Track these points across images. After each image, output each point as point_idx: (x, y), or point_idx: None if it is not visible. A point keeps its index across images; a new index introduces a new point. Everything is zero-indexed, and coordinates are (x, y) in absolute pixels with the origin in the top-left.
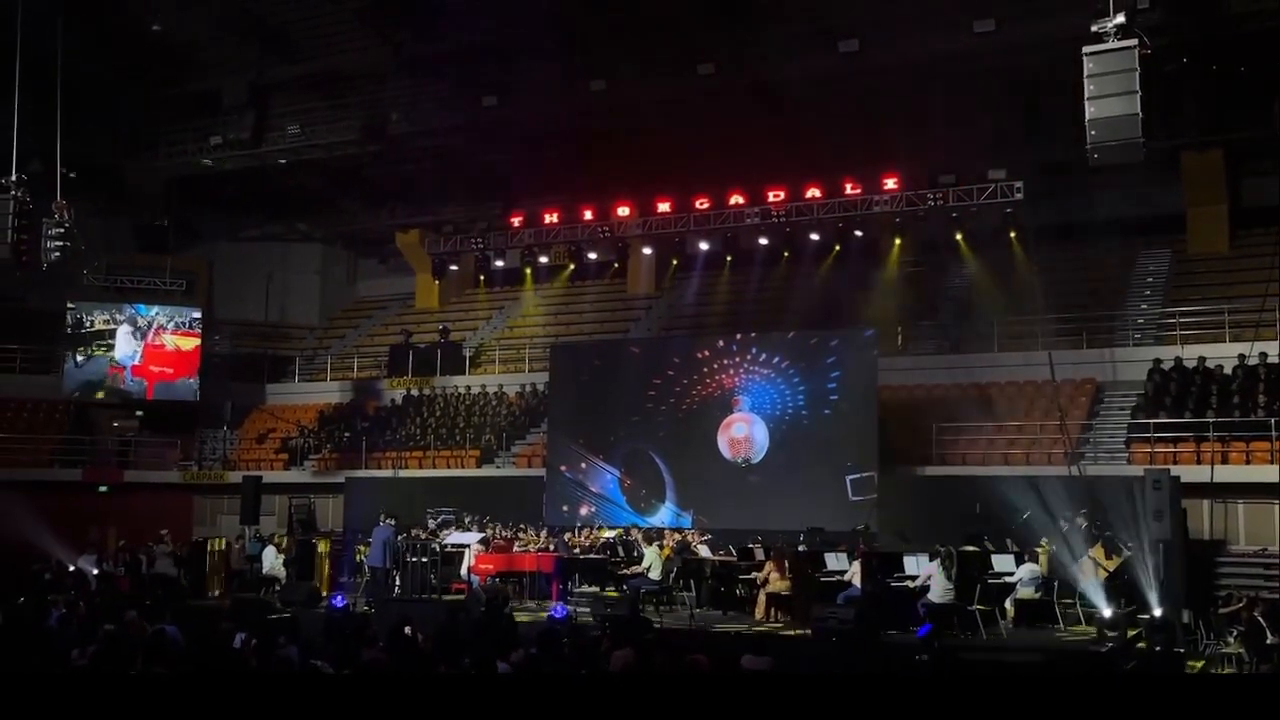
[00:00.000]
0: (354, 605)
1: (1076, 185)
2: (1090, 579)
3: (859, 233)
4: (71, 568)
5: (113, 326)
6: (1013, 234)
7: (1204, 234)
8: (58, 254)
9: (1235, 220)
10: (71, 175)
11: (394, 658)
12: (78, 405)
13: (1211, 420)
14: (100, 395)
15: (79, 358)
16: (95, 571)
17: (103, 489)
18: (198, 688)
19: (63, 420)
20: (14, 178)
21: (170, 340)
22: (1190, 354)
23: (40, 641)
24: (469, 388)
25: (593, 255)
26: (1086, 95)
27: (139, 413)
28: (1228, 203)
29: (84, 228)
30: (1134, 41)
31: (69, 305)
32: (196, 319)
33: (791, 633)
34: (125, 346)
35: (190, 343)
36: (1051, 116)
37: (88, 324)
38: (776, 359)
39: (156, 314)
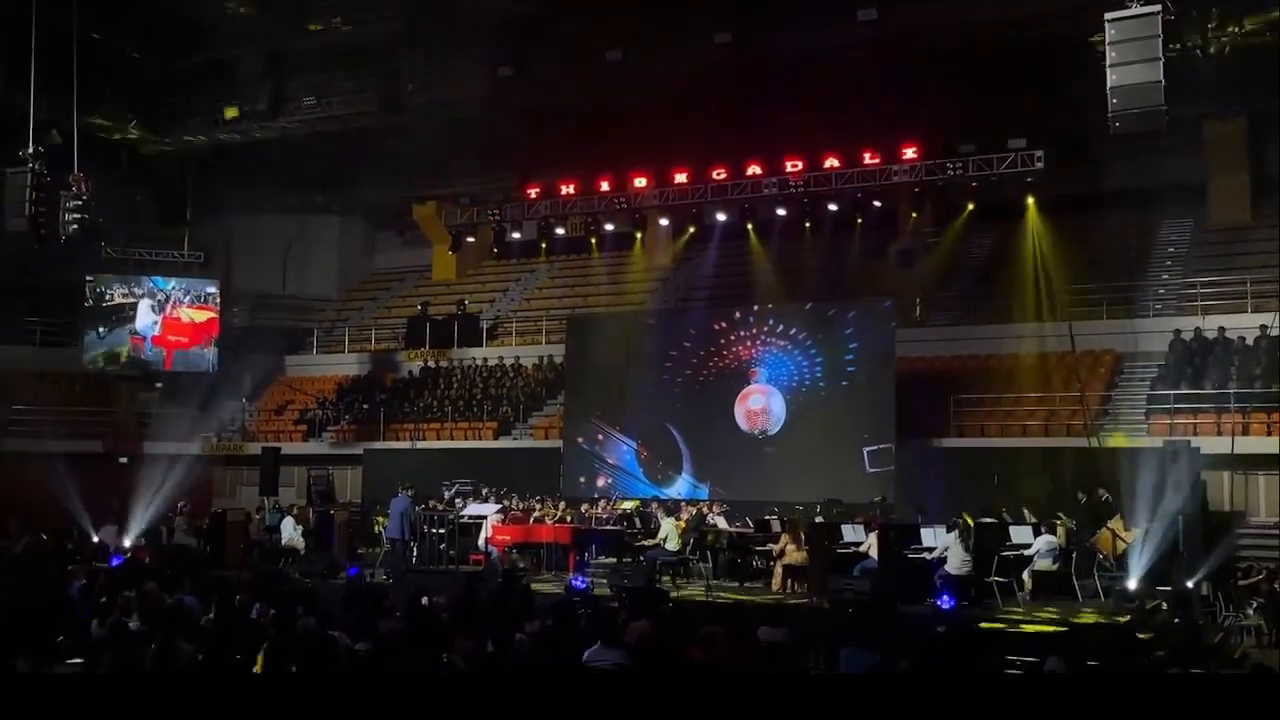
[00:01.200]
0: (370, 575)
1: (1097, 154)
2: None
3: (878, 203)
4: (95, 539)
5: (133, 300)
6: (1032, 202)
7: (1225, 203)
8: (75, 227)
9: (1257, 189)
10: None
11: (412, 629)
12: (97, 376)
13: (1232, 391)
14: (118, 365)
15: (100, 329)
16: (127, 543)
17: (123, 460)
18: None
19: (82, 393)
20: (31, 150)
21: (186, 314)
22: (1211, 324)
23: (61, 612)
24: (486, 359)
25: (610, 226)
26: (1108, 62)
27: (158, 385)
28: (1249, 172)
29: (101, 200)
30: (1157, 8)
31: (88, 278)
32: (212, 293)
33: (808, 604)
34: (145, 317)
35: (205, 315)
36: (1072, 84)
37: (107, 298)
38: (794, 330)
39: (173, 288)
